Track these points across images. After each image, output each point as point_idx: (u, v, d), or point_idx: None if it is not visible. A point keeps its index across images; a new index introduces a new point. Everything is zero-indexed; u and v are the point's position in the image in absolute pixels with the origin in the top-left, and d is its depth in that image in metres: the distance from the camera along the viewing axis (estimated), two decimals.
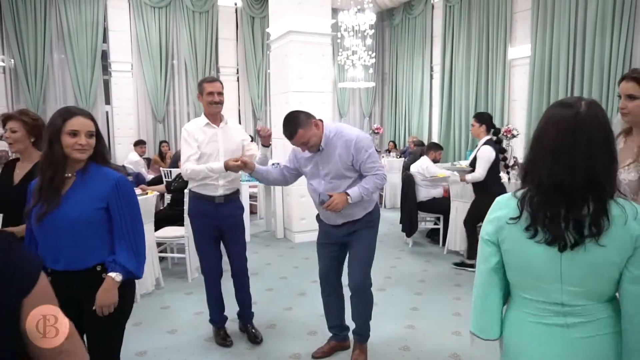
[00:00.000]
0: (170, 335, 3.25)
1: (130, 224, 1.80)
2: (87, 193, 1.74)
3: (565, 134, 1.15)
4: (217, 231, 3.04)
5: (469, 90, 8.65)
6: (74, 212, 1.71)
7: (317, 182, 2.65)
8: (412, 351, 2.99)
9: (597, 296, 1.19)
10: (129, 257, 1.79)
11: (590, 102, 1.18)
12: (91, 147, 1.74)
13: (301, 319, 3.50)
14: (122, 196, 1.78)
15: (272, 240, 5.96)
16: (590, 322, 1.19)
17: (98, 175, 1.78)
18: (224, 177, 2.95)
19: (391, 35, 11.16)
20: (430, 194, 5.45)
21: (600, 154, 1.14)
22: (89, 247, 1.75)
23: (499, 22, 8.00)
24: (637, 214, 1.13)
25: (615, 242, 1.12)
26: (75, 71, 8.41)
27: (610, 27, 6.17)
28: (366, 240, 2.71)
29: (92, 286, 1.76)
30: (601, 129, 1.15)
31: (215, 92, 2.94)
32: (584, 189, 1.13)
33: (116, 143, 8.93)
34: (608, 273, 1.15)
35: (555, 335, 1.22)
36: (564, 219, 1.14)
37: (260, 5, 9.66)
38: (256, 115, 10.06)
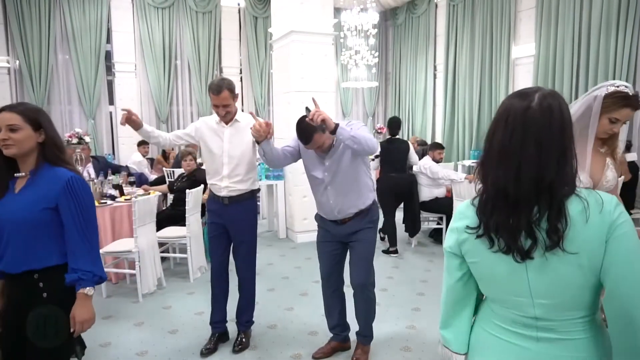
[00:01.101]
0: (171, 335, 3.25)
1: (86, 226, 1.69)
2: (35, 192, 1.66)
3: (513, 133, 1.02)
4: (226, 231, 2.97)
5: (472, 89, 8.60)
6: (18, 211, 1.63)
7: (322, 183, 2.63)
8: (414, 351, 2.98)
9: (574, 307, 1.05)
10: (94, 263, 1.68)
11: (545, 94, 1.04)
12: (16, 142, 1.62)
13: (302, 319, 3.50)
14: (75, 196, 1.66)
15: (274, 240, 5.96)
16: (564, 341, 1.07)
17: (49, 175, 1.68)
18: (228, 178, 2.87)
19: (394, 34, 11.12)
20: (433, 194, 5.43)
21: (553, 155, 1.00)
22: (29, 250, 1.64)
23: (502, 20, 7.95)
24: (602, 206, 1.00)
25: (581, 244, 0.99)
26: (79, 72, 8.43)
27: (615, 25, 6.11)
28: (366, 241, 2.71)
29: (28, 294, 1.66)
30: (555, 125, 1.01)
31: (220, 106, 2.78)
32: (530, 198, 1.01)
33: (120, 143, 8.94)
34: (580, 279, 1.02)
35: (522, 349, 1.11)
36: (515, 226, 1.02)
37: (263, 5, 9.65)
38: (259, 115, 10.05)
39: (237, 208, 2.91)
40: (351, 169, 2.57)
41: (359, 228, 2.68)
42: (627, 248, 0.99)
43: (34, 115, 1.67)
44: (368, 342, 2.87)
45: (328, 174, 2.59)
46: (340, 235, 2.72)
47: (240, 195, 2.91)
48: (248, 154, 2.89)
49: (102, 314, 3.57)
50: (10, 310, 1.70)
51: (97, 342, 3.11)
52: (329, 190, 2.61)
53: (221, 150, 2.87)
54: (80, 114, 8.59)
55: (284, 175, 5.99)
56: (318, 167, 2.63)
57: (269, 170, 5.98)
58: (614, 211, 1.00)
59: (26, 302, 1.66)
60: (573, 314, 1.06)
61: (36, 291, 1.65)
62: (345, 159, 2.55)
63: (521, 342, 1.11)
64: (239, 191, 2.90)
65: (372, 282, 2.78)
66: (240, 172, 2.87)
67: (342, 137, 2.33)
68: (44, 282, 1.66)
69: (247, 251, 3.01)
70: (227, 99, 2.76)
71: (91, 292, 1.68)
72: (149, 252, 4.01)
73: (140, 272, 3.86)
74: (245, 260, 3.02)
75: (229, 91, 2.75)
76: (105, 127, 8.93)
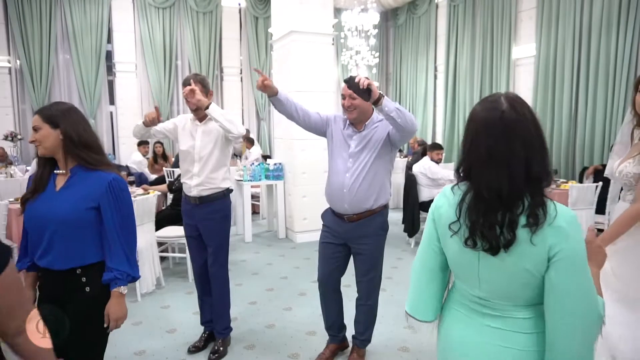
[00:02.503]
0: (169, 334, 3.24)
1: (124, 227, 1.75)
2: (78, 192, 1.71)
3: (498, 138, 1.10)
4: (198, 234, 2.91)
5: (473, 89, 8.60)
6: (62, 211, 1.68)
7: (344, 164, 2.56)
8: (412, 352, 2.97)
9: (514, 299, 1.16)
10: (131, 264, 1.75)
11: (511, 97, 1.13)
12: (40, 141, 1.71)
13: (300, 319, 3.49)
14: (117, 198, 1.73)
15: (273, 240, 5.96)
16: (504, 318, 1.19)
17: (90, 175, 1.74)
18: (198, 176, 2.80)
19: (395, 35, 11.12)
20: (433, 194, 5.41)
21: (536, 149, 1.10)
22: (73, 249, 1.70)
23: (503, 21, 7.94)
24: (553, 219, 1.07)
25: (525, 251, 1.09)
26: (80, 71, 8.46)
27: (616, 25, 6.10)
28: (376, 250, 2.64)
29: (71, 289, 1.72)
30: (530, 121, 1.11)
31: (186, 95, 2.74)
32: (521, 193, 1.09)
33: (120, 143, 8.96)
34: (523, 279, 1.12)
35: (472, 320, 1.24)
36: (501, 222, 1.11)
37: (264, 6, 9.66)
38: (260, 115, 10.07)
39: (208, 208, 2.84)
40: (375, 162, 2.52)
41: (367, 233, 2.58)
42: (565, 280, 1.07)
43: (51, 114, 1.73)
44: (365, 345, 2.84)
45: (352, 159, 2.54)
46: (346, 236, 2.62)
47: (211, 195, 2.83)
48: (218, 153, 2.82)
49: None
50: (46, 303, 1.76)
51: None
52: (347, 178, 2.52)
53: (192, 148, 2.82)
54: None
55: (283, 175, 5.99)
56: (343, 148, 2.59)
57: (268, 170, 5.98)
58: (561, 230, 1.07)
59: (68, 296, 1.72)
60: (515, 302, 1.17)
61: (79, 286, 1.72)
62: (372, 144, 2.52)
63: (470, 315, 1.25)
64: (209, 190, 2.83)
65: (378, 291, 2.75)
66: (210, 171, 2.80)
67: (388, 108, 2.21)
68: (87, 277, 1.72)
69: (217, 253, 2.89)
70: (192, 92, 2.68)
71: (125, 291, 1.76)
72: (148, 252, 4.01)
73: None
74: (216, 262, 2.90)
75: (201, 85, 2.72)
76: (105, 126, 8.95)
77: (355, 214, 2.56)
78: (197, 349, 2.99)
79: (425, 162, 5.42)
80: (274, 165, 5.99)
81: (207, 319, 3.05)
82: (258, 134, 10.04)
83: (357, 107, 2.51)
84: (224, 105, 9.82)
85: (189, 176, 2.84)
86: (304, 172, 5.70)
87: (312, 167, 5.71)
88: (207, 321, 3.06)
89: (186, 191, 2.89)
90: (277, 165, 6.00)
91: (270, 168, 5.98)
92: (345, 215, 2.58)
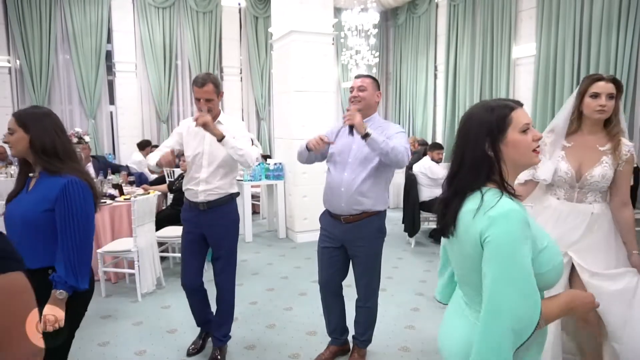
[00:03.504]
0: (170, 334, 3.24)
1: (72, 231, 1.71)
2: (40, 193, 1.75)
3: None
4: (203, 241, 2.79)
5: (473, 89, 8.59)
6: (25, 210, 1.74)
7: (343, 162, 2.57)
8: (412, 352, 2.97)
9: (475, 286, 1.22)
10: (67, 272, 1.70)
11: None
12: (12, 144, 1.76)
13: (301, 318, 3.49)
14: (68, 201, 1.71)
15: (274, 240, 5.96)
16: (472, 308, 1.27)
17: (51, 179, 1.75)
18: (205, 182, 2.69)
19: (395, 34, 11.10)
20: (433, 194, 5.42)
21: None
22: (39, 249, 1.73)
23: (503, 20, 7.93)
24: (488, 208, 1.15)
25: (465, 236, 1.21)
26: (79, 72, 8.44)
27: (616, 25, 6.09)
28: (373, 253, 2.64)
29: (44, 289, 1.70)
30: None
31: (202, 99, 2.63)
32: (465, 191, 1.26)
33: (120, 143, 8.94)
34: (471, 265, 1.21)
35: (458, 311, 1.35)
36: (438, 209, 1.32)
37: (264, 5, 9.65)
38: (260, 115, 10.06)
39: (216, 213, 2.72)
40: (375, 167, 2.53)
41: (364, 235, 2.58)
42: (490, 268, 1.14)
43: (25, 118, 1.76)
44: (365, 345, 2.84)
45: (352, 158, 2.55)
46: (343, 239, 2.61)
47: (219, 199, 2.73)
48: (228, 158, 2.69)
49: (101, 313, 3.57)
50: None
51: (95, 342, 3.11)
52: (345, 176, 2.53)
53: (201, 152, 2.70)
54: (80, 114, 8.60)
55: (284, 175, 5.99)
56: (345, 147, 2.59)
57: (268, 170, 5.97)
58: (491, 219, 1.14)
59: (43, 295, 1.70)
60: (476, 290, 1.22)
61: (49, 285, 1.72)
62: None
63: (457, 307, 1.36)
64: (217, 195, 2.72)
65: (377, 293, 2.75)
66: (219, 175, 2.71)
67: (371, 147, 2.40)
68: None
69: (226, 260, 2.80)
70: (211, 93, 2.61)
71: (61, 296, 1.69)
72: (148, 252, 4.01)
73: (139, 271, 3.86)
74: (225, 270, 2.81)
75: (213, 85, 2.62)
76: (105, 126, 8.93)
77: (351, 214, 2.55)
78: (197, 350, 2.96)
79: (425, 161, 5.42)
80: (274, 165, 5.99)
81: (204, 321, 2.97)
82: (258, 134, 10.03)
83: (363, 100, 2.59)
84: (224, 105, 9.81)
85: (195, 182, 2.71)
86: (304, 172, 5.69)
87: (313, 167, 5.63)
88: (204, 322, 2.98)
89: (190, 197, 2.75)
90: (278, 165, 5.99)
91: (270, 168, 5.97)
92: (342, 216, 2.58)
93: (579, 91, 2.21)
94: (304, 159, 2.73)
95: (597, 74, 2.21)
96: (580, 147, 2.22)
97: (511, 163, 1.22)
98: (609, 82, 2.14)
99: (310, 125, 5.56)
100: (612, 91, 2.14)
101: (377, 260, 2.68)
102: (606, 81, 2.14)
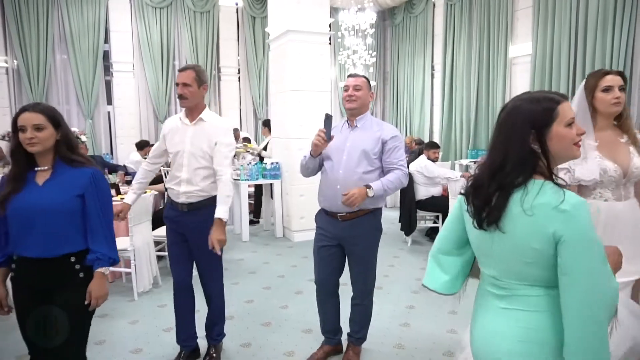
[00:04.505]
0: (166, 333, 3.25)
1: (105, 214, 1.91)
2: (64, 183, 1.84)
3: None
4: (186, 241, 2.69)
5: (470, 89, 8.61)
6: (50, 199, 1.80)
7: (338, 159, 2.57)
8: (407, 349, 2.99)
9: (525, 278, 1.22)
10: (110, 247, 1.91)
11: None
12: (41, 140, 1.79)
13: (296, 317, 3.50)
14: (98, 188, 1.89)
15: (271, 239, 5.97)
16: (516, 297, 1.24)
17: (74, 169, 1.88)
18: (187, 183, 2.59)
19: (393, 34, 11.13)
20: (429, 193, 5.44)
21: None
22: (63, 235, 1.82)
23: (499, 20, 7.96)
24: (559, 203, 1.13)
25: (523, 230, 1.18)
26: (77, 72, 8.45)
27: (611, 24, 6.12)
28: (369, 249, 2.65)
29: (64, 276, 1.85)
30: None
31: (180, 83, 2.54)
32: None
33: (118, 143, 8.95)
34: (530, 258, 1.18)
35: (489, 303, 1.32)
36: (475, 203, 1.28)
37: (261, 5, 9.66)
38: (257, 115, 10.07)
39: (197, 216, 2.60)
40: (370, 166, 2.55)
41: (361, 232, 2.59)
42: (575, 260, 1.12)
43: (54, 115, 1.85)
44: (360, 343, 2.85)
45: (347, 156, 2.55)
46: (340, 236, 2.62)
47: (201, 202, 2.62)
48: (210, 157, 2.60)
49: (97, 312, 3.47)
50: (30, 295, 1.87)
51: (92, 340, 3.08)
52: (340, 174, 2.53)
53: (182, 150, 2.60)
54: (78, 114, 8.61)
55: (280, 174, 6.00)
56: (340, 145, 2.59)
57: (265, 169, 5.99)
58: (567, 213, 1.12)
59: (61, 284, 1.85)
60: (527, 282, 1.22)
61: (73, 272, 1.86)
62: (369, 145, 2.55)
63: (489, 300, 1.33)
64: (199, 197, 2.61)
65: (372, 291, 2.76)
66: (200, 176, 2.60)
67: (379, 193, 2.50)
68: (80, 264, 1.86)
69: (210, 263, 2.69)
70: (189, 78, 2.52)
71: (107, 272, 1.91)
72: (145, 251, 4.02)
73: (135, 270, 3.87)
74: (210, 274, 2.73)
75: (195, 73, 2.54)
76: (103, 126, 8.94)
77: (347, 212, 2.56)
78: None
79: (421, 160, 5.44)
80: (271, 164, 6.00)
81: (185, 336, 2.83)
82: (255, 134, 10.04)
83: (358, 99, 2.60)
84: (221, 105, 9.83)
85: (177, 181, 2.62)
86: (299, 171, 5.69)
87: None
88: (185, 338, 2.83)
89: (172, 197, 2.67)
90: (275, 164, 6.01)
91: (267, 167, 5.99)
92: (339, 214, 2.59)
93: (588, 89, 2.18)
94: (309, 171, 2.69)
95: (602, 69, 2.21)
96: (606, 143, 2.17)
97: (554, 156, 1.22)
98: (617, 75, 2.14)
99: (307, 124, 5.58)
100: (622, 83, 2.13)
101: (373, 257, 2.70)
102: (614, 74, 2.15)
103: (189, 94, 2.54)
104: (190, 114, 2.65)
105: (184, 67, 2.62)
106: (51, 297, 1.84)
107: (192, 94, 2.55)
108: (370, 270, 2.69)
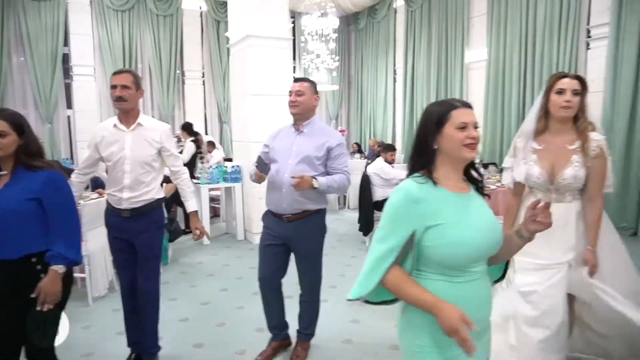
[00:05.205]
0: (119, 336, 3.24)
1: (63, 215, 1.94)
2: (18, 186, 1.89)
3: None
4: (131, 246, 2.67)
5: (429, 92, 8.87)
6: (4, 204, 1.84)
7: (284, 163, 2.65)
8: (355, 344, 3.10)
9: None
10: (67, 247, 1.92)
11: None
12: (3, 147, 1.85)
13: (251, 317, 3.55)
14: (56, 190, 1.93)
15: (232, 242, 6.00)
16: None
17: (32, 173, 1.91)
18: (129, 189, 2.56)
19: (357, 39, 11.33)
20: (387, 194, 5.57)
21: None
22: (20, 237, 1.87)
23: (456, 26, 8.24)
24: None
25: None
26: (35, 75, 8.26)
27: (557, 32, 6.44)
28: (314, 246, 2.75)
29: (27, 276, 1.89)
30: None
31: (119, 85, 2.48)
32: None
33: (78, 147, 8.79)
34: None
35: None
36: None
37: (225, 9, 9.64)
38: (222, 119, 10.07)
39: (141, 220, 2.60)
40: (316, 170, 2.64)
41: (306, 233, 2.68)
42: None
43: (19, 121, 1.90)
44: (309, 339, 2.94)
45: (292, 160, 2.64)
46: (285, 236, 2.71)
47: (144, 206, 2.61)
48: (153, 163, 2.62)
49: None
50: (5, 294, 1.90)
51: None
52: (285, 178, 2.59)
53: (122, 157, 2.55)
54: (36, 118, 8.41)
55: (241, 177, 6.05)
56: (285, 149, 2.70)
57: (226, 172, 6.02)
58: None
59: (25, 284, 1.88)
60: None
61: (35, 273, 1.90)
62: (314, 150, 2.64)
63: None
64: (142, 202, 2.60)
65: (319, 288, 2.85)
66: (144, 181, 2.59)
67: (323, 188, 2.59)
68: (41, 265, 1.90)
69: (152, 266, 2.72)
70: (128, 81, 2.50)
71: (61, 270, 1.91)
72: (100, 256, 3.99)
73: (90, 275, 3.85)
74: (150, 277, 2.72)
75: (132, 76, 2.54)
76: (62, 131, 8.78)
77: (293, 213, 2.65)
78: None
79: (378, 162, 5.59)
80: (232, 167, 6.04)
81: (135, 339, 2.85)
82: (220, 137, 10.03)
83: (300, 104, 2.68)
84: (186, 109, 9.79)
85: (118, 188, 2.57)
86: None
87: None
88: (135, 342, 2.85)
89: (113, 203, 2.62)
90: (235, 167, 6.05)
91: (228, 171, 6.03)
92: (284, 215, 2.68)
93: (545, 89, 2.25)
94: (261, 182, 2.78)
95: (562, 72, 2.28)
96: (550, 148, 2.25)
97: (446, 154, 1.41)
98: (574, 79, 2.19)
99: (268, 128, 5.59)
100: (577, 87, 2.17)
101: (319, 256, 2.80)
102: (571, 78, 2.19)
103: (129, 96, 2.52)
104: (125, 120, 2.60)
105: (120, 70, 2.63)
106: (17, 296, 1.89)
107: (131, 97, 2.54)
108: (315, 268, 2.79)
